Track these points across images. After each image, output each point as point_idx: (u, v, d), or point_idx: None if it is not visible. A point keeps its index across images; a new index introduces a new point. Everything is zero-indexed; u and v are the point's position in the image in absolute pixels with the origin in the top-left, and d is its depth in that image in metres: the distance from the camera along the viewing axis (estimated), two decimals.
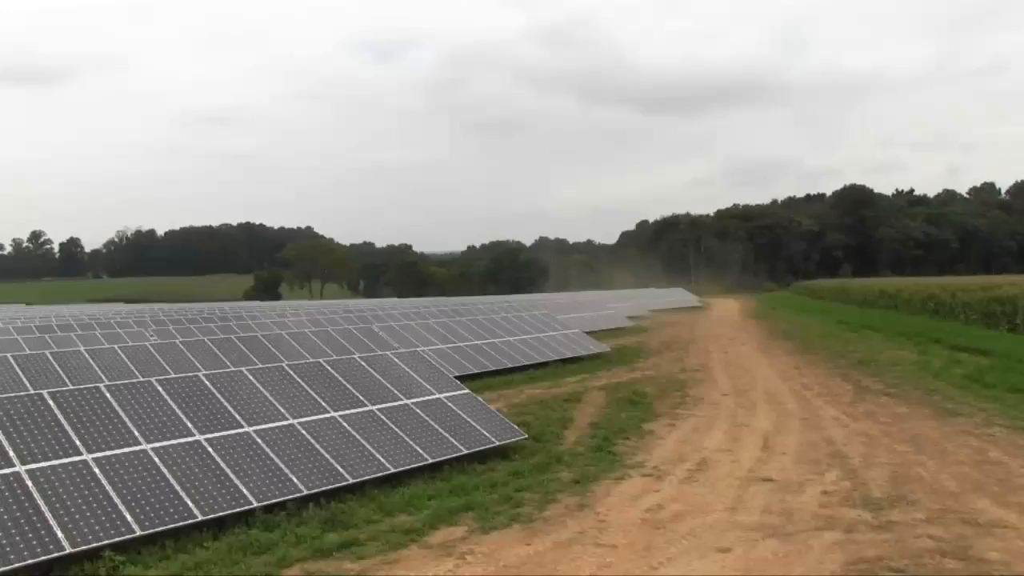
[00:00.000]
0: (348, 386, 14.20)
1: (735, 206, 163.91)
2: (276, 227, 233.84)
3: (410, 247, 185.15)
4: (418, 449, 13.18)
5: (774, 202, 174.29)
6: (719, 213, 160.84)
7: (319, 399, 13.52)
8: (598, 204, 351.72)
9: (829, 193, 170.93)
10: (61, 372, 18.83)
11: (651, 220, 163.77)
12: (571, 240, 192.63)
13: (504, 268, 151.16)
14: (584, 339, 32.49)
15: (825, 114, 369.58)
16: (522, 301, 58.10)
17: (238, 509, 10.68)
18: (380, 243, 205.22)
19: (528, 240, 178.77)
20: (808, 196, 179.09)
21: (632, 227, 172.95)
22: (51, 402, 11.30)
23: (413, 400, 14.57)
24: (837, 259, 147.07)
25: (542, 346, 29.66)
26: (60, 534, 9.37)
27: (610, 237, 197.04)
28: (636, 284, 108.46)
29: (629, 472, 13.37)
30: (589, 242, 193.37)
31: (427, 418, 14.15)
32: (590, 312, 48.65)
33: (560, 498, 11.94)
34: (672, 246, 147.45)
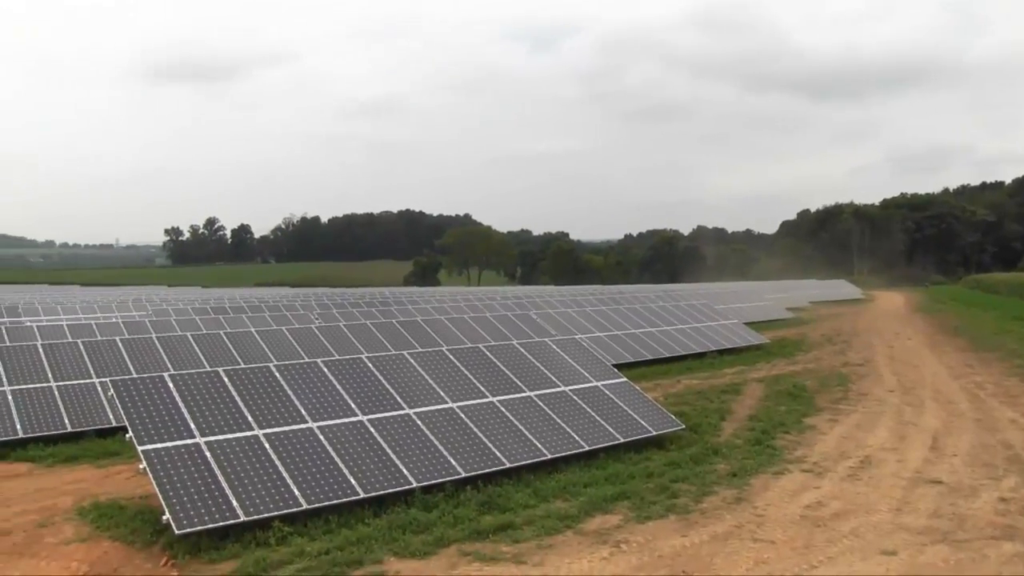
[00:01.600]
0: (506, 372, 14.34)
1: (902, 195, 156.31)
2: (435, 214, 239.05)
3: (567, 235, 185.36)
4: (574, 436, 13.19)
5: (944, 191, 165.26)
6: (884, 202, 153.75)
7: (478, 384, 13.72)
8: (757, 193, 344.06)
9: (1009, 181, 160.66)
10: (234, 351, 19.79)
11: (812, 209, 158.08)
12: (729, 229, 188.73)
13: (661, 257, 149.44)
14: (742, 330, 31.78)
15: (1004, 96, 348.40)
16: (679, 290, 57.28)
17: (398, 488, 10.97)
18: (537, 231, 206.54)
19: (686, 229, 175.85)
20: (984, 184, 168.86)
21: (792, 216, 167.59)
22: (226, 379, 11.89)
23: (570, 387, 14.58)
24: (1016, 251, 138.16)
25: (699, 336, 29.19)
26: (235, 503, 9.87)
27: (769, 226, 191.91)
28: (796, 275, 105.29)
29: (788, 467, 13.00)
30: (748, 231, 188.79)
31: (584, 405, 14.14)
32: (748, 303, 47.53)
33: (717, 490, 11.73)
34: (834, 236, 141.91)
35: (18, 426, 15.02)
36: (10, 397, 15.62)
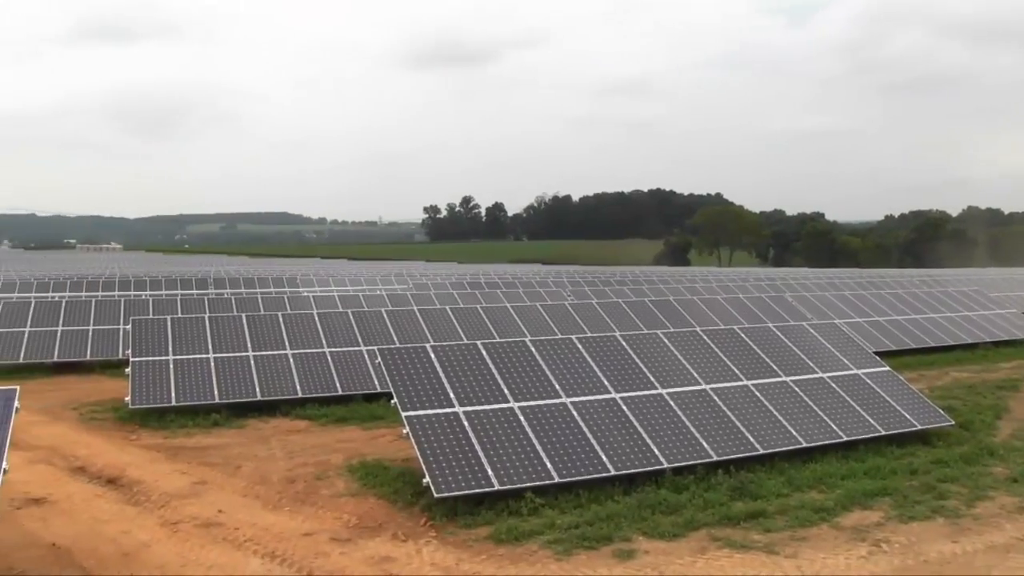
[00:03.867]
0: (761, 355, 13.94)
1: None
2: (685, 193, 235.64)
3: (822, 215, 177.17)
4: (832, 425, 12.63)
5: None
6: None
7: (732, 366, 13.42)
8: None
9: None
10: (490, 325, 20.46)
11: None
12: (1006, 210, 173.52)
13: (926, 239, 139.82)
14: (1022, 320, 29.18)
15: None
16: (946, 275, 53.42)
17: (649, 468, 10.95)
18: (790, 210, 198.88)
19: (954, 210, 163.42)
20: None
21: None
22: (484, 352, 12.31)
23: (828, 374, 13.96)
24: None
25: (970, 325, 27.07)
26: (490, 472, 10.22)
27: None
28: None
29: None
30: None
31: (843, 393, 13.50)
32: None
33: (994, 496, 10.85)
34: None
35: (298, 387, 16.37)
36: (291, 360, 17.01)
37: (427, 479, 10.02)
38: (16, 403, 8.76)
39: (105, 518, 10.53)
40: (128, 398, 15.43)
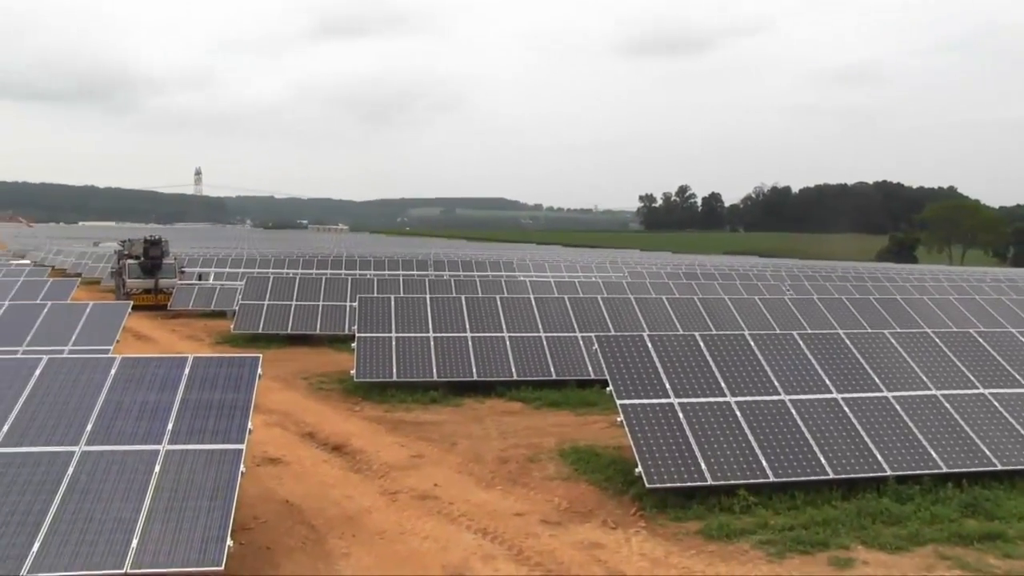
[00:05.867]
0: (1002, 362, 12.92)
1: None
2: (914, 186, 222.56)
3: None
4: None
5: None
6: None
7: (967, 372, 12.55)
8: None
9: None
10: (707, 317, 20.13)
11: None
12: None
13: None
14: None
15: None
16: None
17: (871, 474, 10.46)
18: None
19: None
20: None
21: None
22: (701, 344, 12.13)
23: None
24: None
25: None
26: (703, 466, 10.09)
27: None
28: None
29: None
30: None
31: None
32: None
33: None
34: None
35: (513, 369, 16.77)
36: (508, 343, 17.42)
37: (639, 468, 10.01)
38: (259, 370, 9.46)
39: (331, 482, 11.21)
40: (353, 371, 16.31)
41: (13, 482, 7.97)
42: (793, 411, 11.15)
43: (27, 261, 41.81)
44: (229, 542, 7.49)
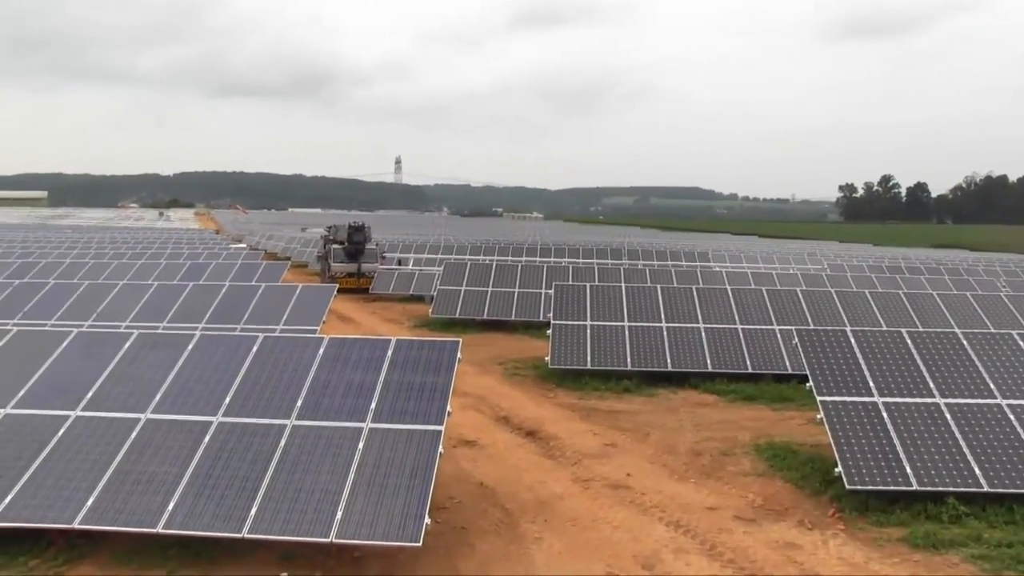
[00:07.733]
0: None
1: None
2: None
3: None
4: None
5: None
6: None
7: None
8: None
9: None
10: (912, 313, 19.12)
11: None
12: None
13: None
14: None
15: None
16: None
17: None
18: None
19: None
20: None
21: None
22: (909, 341, 11.55)
23: None
24: None
25: None
26: (909, 470, 9.63)
27: None
28: None
29: None
30: None
31: None
32: None
33: None
34: None
35: (708, 361, 16.51)
36: (703, 334, 17.19)
37: (839, 468, 9.66)
38: (459, 354, 9.74)
39: (524, 467, 11.41)
40: (548, 358, 16.52)
41: (235, 450, 8.60)
42: (1012, 417, 10.43)
43: (243, 245, 44.76)
44: (427, 520, 7.76)
